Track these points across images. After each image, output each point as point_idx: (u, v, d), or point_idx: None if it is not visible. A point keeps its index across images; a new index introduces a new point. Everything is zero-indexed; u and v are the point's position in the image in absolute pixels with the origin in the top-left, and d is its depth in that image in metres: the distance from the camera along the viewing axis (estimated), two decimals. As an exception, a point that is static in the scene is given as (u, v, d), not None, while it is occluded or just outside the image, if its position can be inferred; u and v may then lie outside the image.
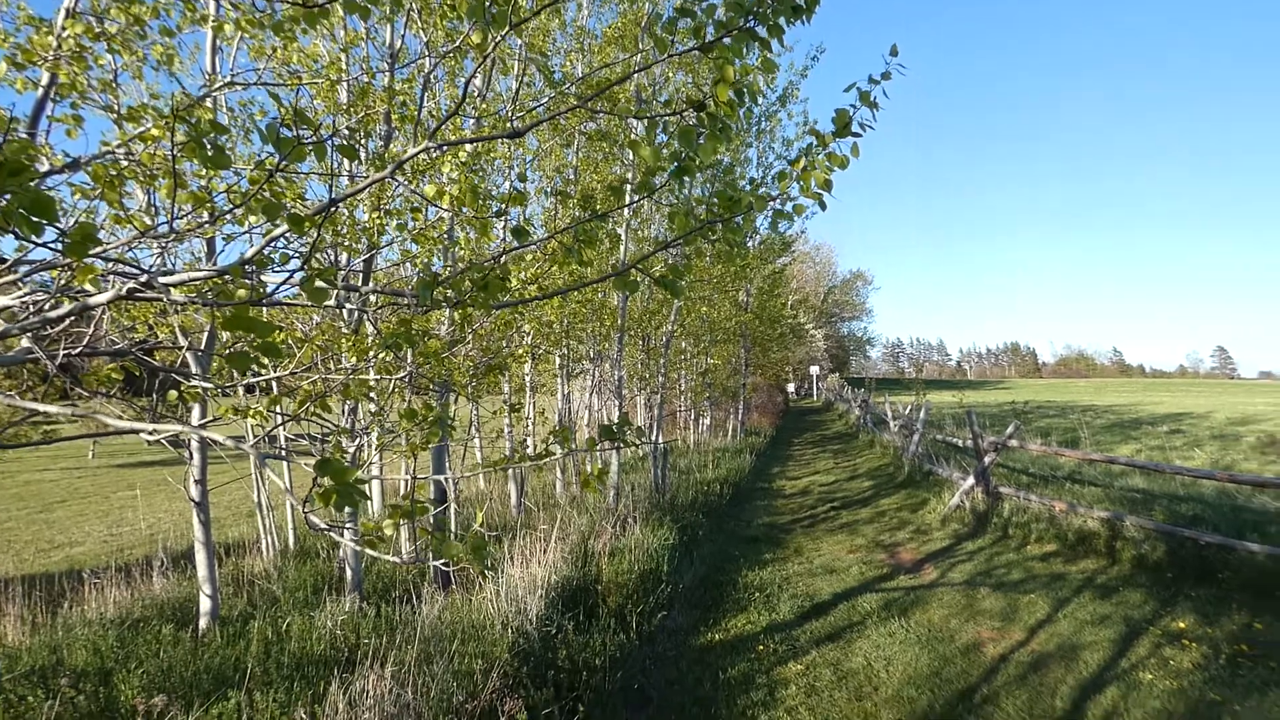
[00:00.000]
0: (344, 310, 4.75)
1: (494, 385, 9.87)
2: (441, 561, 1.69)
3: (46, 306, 1.92)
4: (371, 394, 3.97)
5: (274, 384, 6.38)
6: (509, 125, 4.61)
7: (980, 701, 4.50)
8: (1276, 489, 8.32)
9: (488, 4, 1.79)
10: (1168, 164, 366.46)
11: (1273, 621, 5.60)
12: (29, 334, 1.97)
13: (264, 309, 4.26)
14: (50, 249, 1.66)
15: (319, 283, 1.59)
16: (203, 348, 4.23)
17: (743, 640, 5.62)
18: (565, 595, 5.45)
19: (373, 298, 3.95)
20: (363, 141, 4.76)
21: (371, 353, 3.28)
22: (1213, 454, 14.96)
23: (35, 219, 1.30)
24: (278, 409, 3.05)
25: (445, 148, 2.80)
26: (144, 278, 1.73)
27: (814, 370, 54.50)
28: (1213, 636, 5.34)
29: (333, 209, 1.75)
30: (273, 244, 2.06)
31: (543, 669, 4.16)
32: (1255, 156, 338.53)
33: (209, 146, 1.57)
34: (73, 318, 1.81)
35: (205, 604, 4.67)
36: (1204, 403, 34.39)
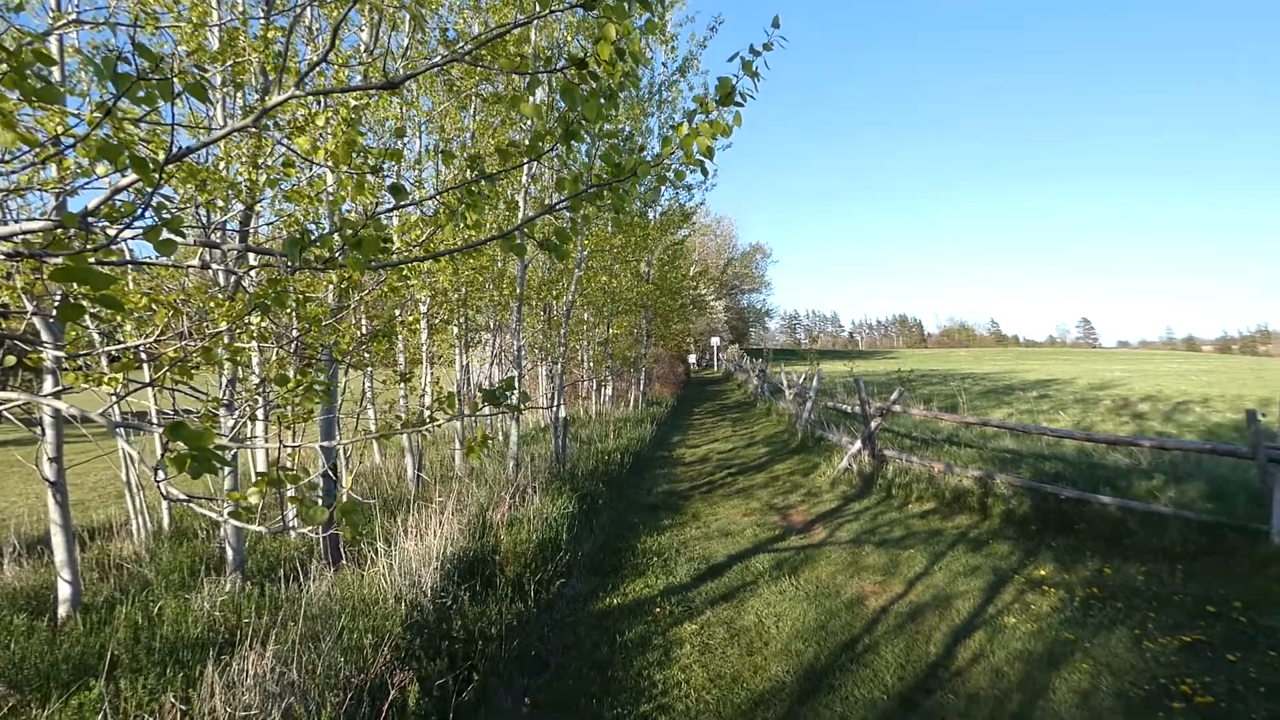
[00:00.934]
0: (218, 274, 4.45)
1: (387, 356, 9.56)
2: (329, 534, 1.62)
3: None
4: (249, 362, 3.75)
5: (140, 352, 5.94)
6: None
7: (862, 651, 4.76)
8: (1127, 447, 9.11)
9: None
10: (1043, 151, 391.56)
11: (1120, 566, 6.16)
12: None
13: (127, 270, 3.94)
14: None
15: (166, 234, 1.47)
16: (54, 312, 3.87)
17: (640, 603, 5.72)
18: (462, 566, 5.38)
19: (251, 258, 3.71)
20: (234, 94, 4.43)
21: (246, 317, 3.08)
22: (1075, 416, 16.22)
23: None
24: (134, 376, 2.83)
25: (321, 100, 2.64)
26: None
27: (715, 341, 55.54)
28: (1069, 582, 5.82)
29: (186, 156, 1.62)
30: (125, 197, 1.89)
31: (437, 640, 4.10)
32: (1123, 155, 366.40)
33: (34, 78, 1.41)
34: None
35: (65, 590, 4.33)
36: (1069, 369, 37.23)
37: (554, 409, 10.48)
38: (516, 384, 8.98)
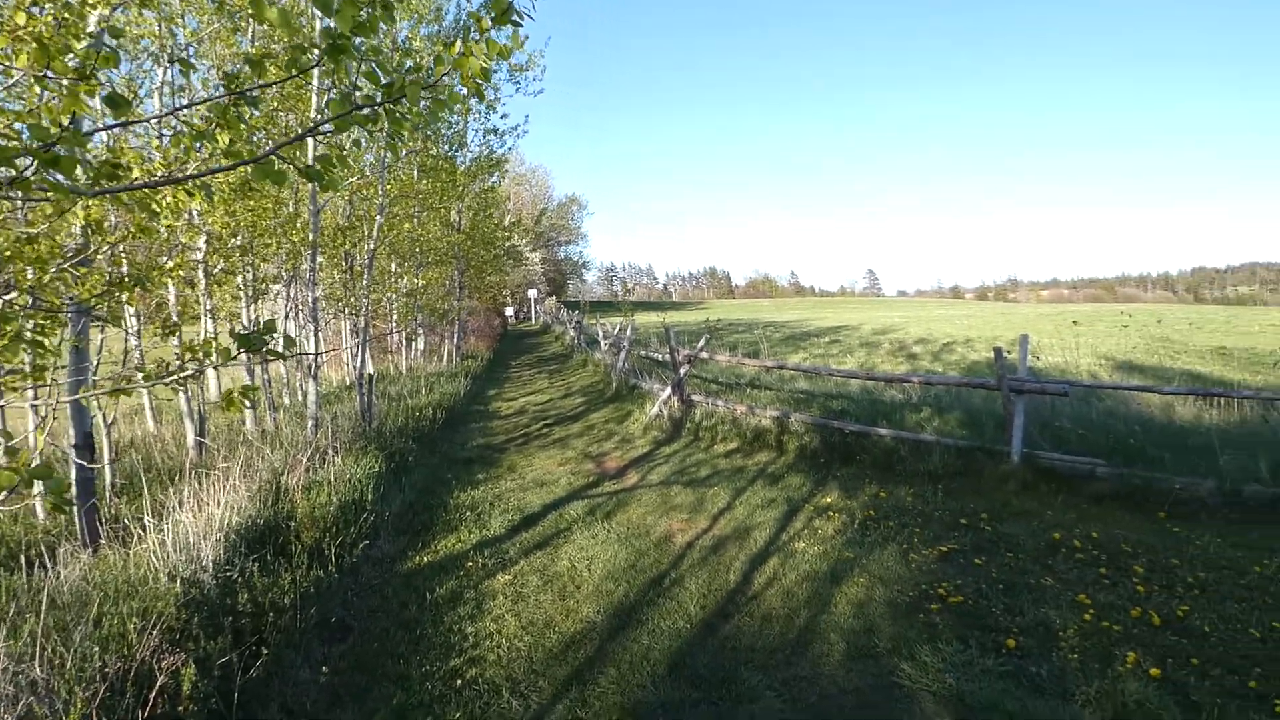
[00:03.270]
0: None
1: (158, 312, 8.50)
2: (86, 509, 1.36)
3: None
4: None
5: None
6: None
7: (669, 585, 4.96)
8: (901, 384, 10.14)
9: None
10: (845, 110, 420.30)
11: (894, 489, 6.88)
12: None
13: None
14: None
15: None
16: None
17: (452, 559, 5.59)
18: (251, 536, 4.95)
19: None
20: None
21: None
22: (860, 358, 17.85)
23: None
24: None
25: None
26: None
27: (532, 294, 54.97)
28: (851, 507, 6.41)
29: None
30: None
31: (219, 617, 3.75)
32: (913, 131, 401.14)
33: None
34: None
35: None
36: (857, 316, 40.80)
37: (358, 365, 9.88)
38: (314, 336, 8.35)
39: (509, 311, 49.61)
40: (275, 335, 1.78)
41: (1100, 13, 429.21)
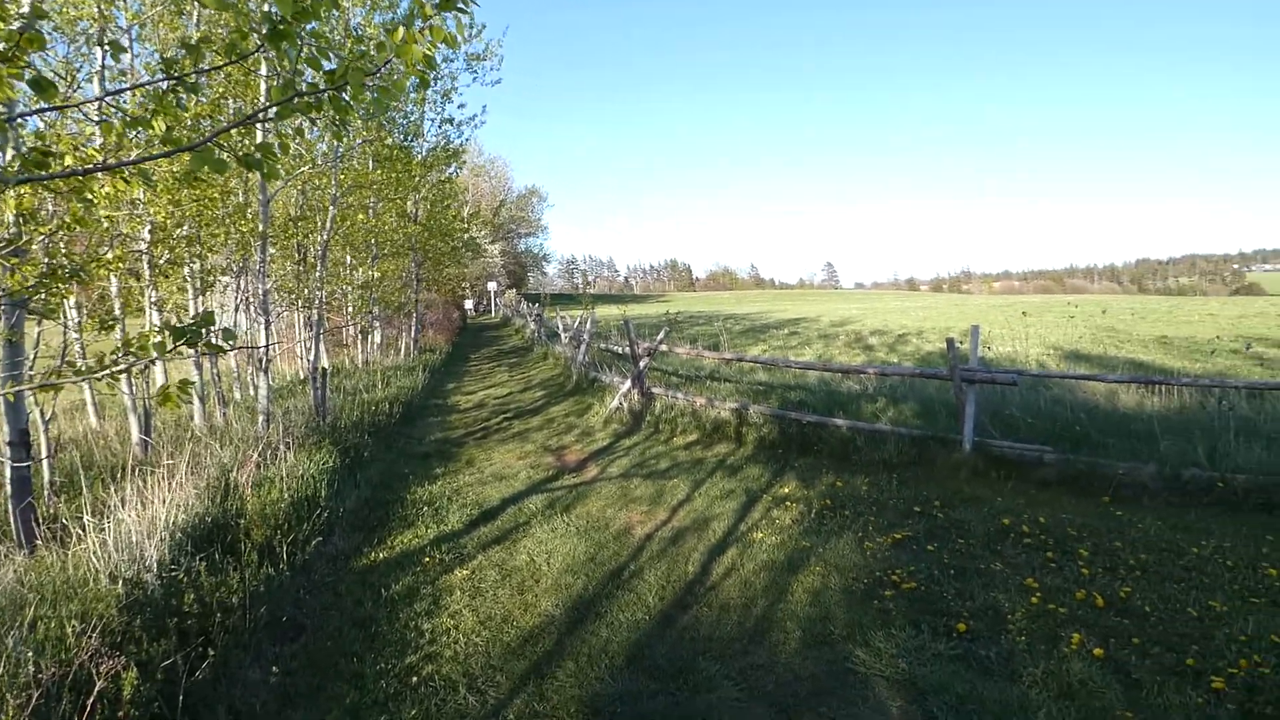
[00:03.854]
0: None
1: (99, 305, 8.22)
2: (21, 508, 1.30)
3: None
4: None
5: None
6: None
7: (628, 577, 4.97)
8: (857, 375, 10.28)
9: None
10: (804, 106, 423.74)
11: (850, 479, 6.97)
12: None
13: None
14: None
15: None
16: None
17: (409, 555, 5.52)
18: (199, 534, 4.82)
19: None
20: None
21: None
22: (818, 350, 18.07)
23: None
24: None
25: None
26: None
27: (492, 287, 54.43)
28: (808, 496, 6.49)
29: None
30: None
31: (163, 618, 3.64)
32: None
33: None
34: None
35: None
36: (815, 309, 41.34)
37: (312, 358, 9.69)
38: (266, 329, 8.15)
39: (468, 304, 49.03)
40: (214, 328, 1.72)
41: (1050, 5, 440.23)
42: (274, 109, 1.76)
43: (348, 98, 1.94)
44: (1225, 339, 18.24)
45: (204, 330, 1.69)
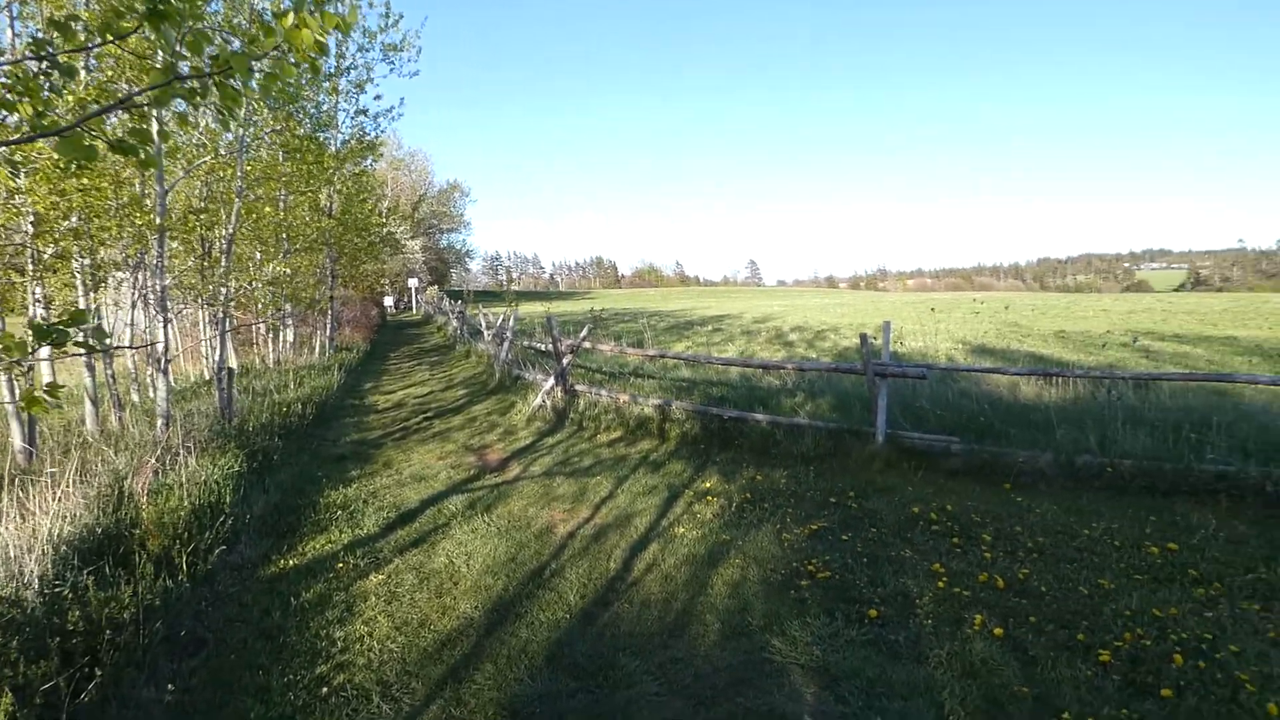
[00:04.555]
0: None
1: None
2: None
3: None
4: None
5: None
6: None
7: (549, 576, 4.92)
8: (777, 370, 10.48)
9: None
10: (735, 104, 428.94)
11: (769, 472, 7.10)
12: None
13: None
14: None
15: None
16: None
17: (321, 561, 5.32)
18: (87, 547, 4.51)
19: None
20: None
21: None
22: (740, 346, 18.34)
23: None
24: None
25: None
26: None
27: (413, 283, 53.13)
28: (729, 490, 6.57)
29: None
30: None
31: (44, 638, 3.39)
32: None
33: None
34: None
35: None
36: (739, 306, 42.02)
37: (218, 358, 9.23)
38: (164, 327, 7.71)
39: (388, 301, 47.70)
40: (85, 325, 1.60)
41: (963, 9, 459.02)
42: (148, 93, 1.64)
43: (237, 84, 1.83)
44: (1116, 333, 19.49)
45: (72, 329, 1.57)
